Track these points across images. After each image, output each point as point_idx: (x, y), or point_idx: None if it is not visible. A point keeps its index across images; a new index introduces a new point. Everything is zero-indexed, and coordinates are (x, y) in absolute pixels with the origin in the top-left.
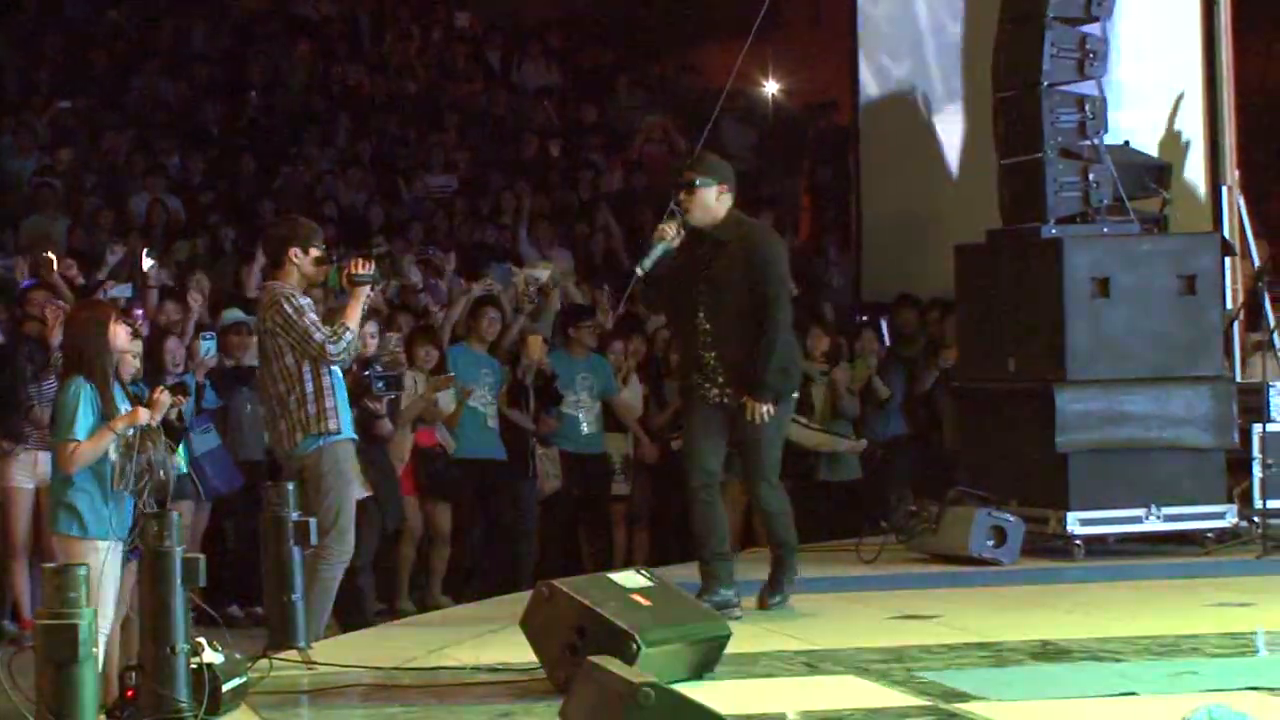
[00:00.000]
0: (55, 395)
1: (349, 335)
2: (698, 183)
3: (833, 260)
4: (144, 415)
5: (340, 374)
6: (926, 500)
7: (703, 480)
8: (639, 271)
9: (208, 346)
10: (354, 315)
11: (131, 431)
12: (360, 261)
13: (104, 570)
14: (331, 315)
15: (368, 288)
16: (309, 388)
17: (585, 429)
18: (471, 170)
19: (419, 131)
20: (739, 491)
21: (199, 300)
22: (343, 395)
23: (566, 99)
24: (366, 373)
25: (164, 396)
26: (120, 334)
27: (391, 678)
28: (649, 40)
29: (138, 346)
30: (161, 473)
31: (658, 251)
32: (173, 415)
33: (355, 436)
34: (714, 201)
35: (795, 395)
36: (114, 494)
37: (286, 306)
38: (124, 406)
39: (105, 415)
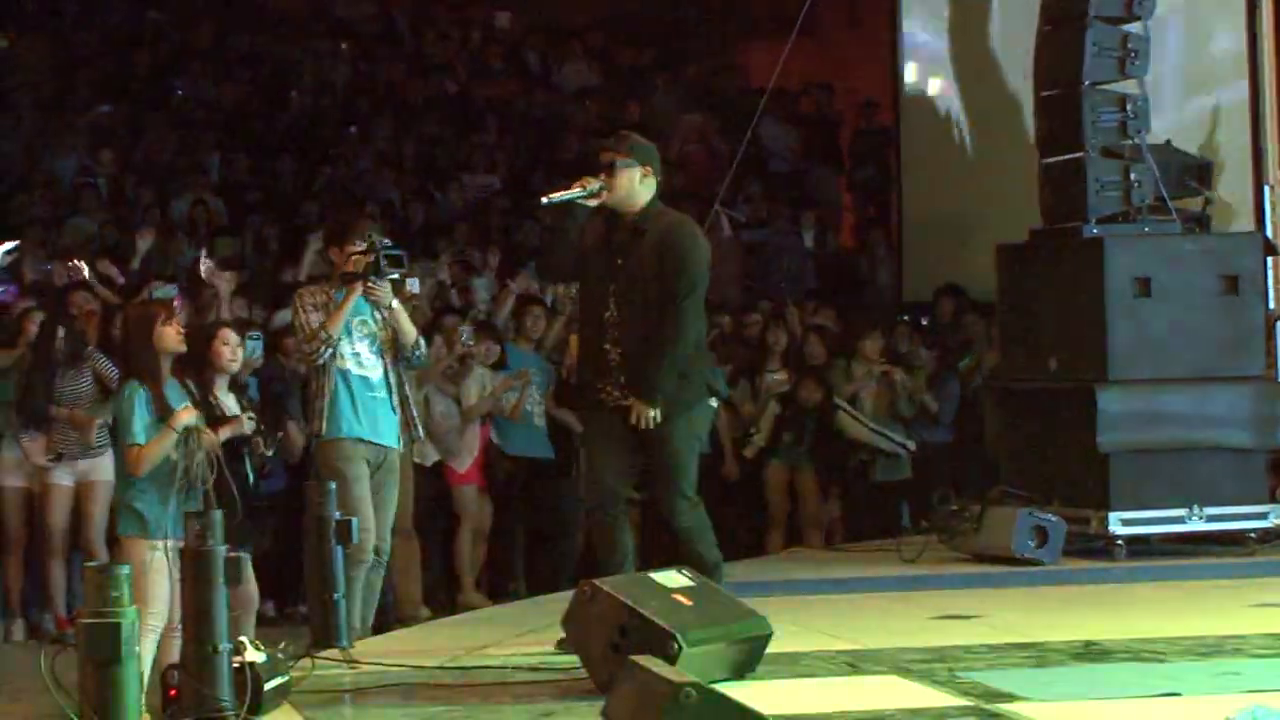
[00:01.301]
0: (113, 403)
1: (323, 335)
2: (618, 164)
3: (880, 259)
4: (193, 414)
5: (352, 373)
6: (968, 500)
7: (599, 499)
8: (544, 201)
9: (253, 346)
10: (337, 314)
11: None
12: (355, 259)
13: (156, 568)
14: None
15: (359, 285)
16: (311, 388)
17: None
18: (511, 170)
19: (458, 132)
20: (782, 474)
21: (219, 296)
22: (346, 395)
23: (606, 99)
24: None
25: (244, 424)
26: (168, 334)
27: (434, 677)
28: (688, 40)
29: (241, 345)
30: (198, 474)
31: (573, 194)
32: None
33: (362, 436)
34: (636, 184)
35: (714, 405)
36: (173, 494)
37: (291, 309)
38: (184, 404)
39: (161, 415)
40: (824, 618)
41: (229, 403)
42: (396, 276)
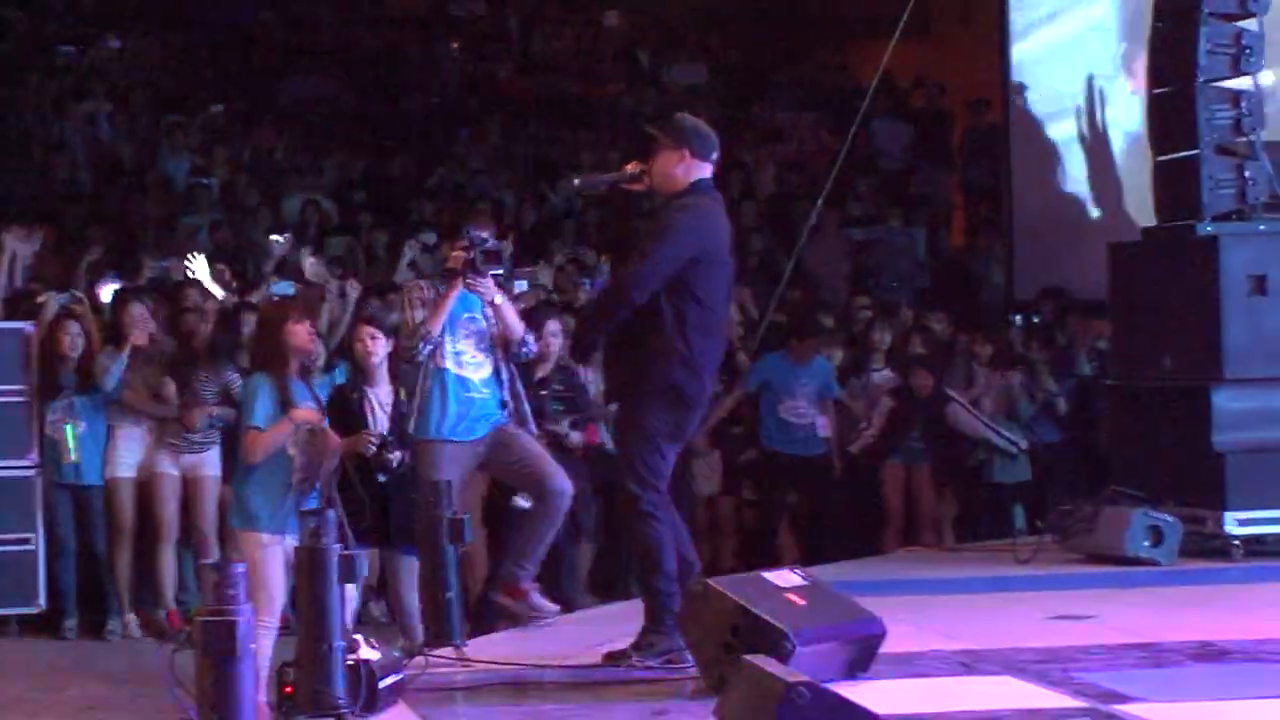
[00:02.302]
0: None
1: (423, 331)
2: (657, 146)
3: (998, 257)
4: (316, 416)
5: (449, 373)
6: (1083, 500)
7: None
8: (576, 183)
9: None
10: (437, 310)
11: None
12: (454, 256)
13: (268, 563)
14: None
15: (458, 281)
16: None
17: (802, 433)
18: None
19: (570, 130)
20: (899, 474)
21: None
22: (438, 395)
23: (715, 98)
24: (543, 392)
25: (364, 441)
26: (299, 332)
27: (545, 676)
28: (800, 38)
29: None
30: (323, 474)
31: (610, 177)
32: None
33: (449, 437)
34: (671, 168)
35: (684, 408)
36: (287, 489)
37: (400, 305)
38: (306, 404)
39: (284, 408)
40: (938, 617)
41: (381, 394)
42: (500, 272)
